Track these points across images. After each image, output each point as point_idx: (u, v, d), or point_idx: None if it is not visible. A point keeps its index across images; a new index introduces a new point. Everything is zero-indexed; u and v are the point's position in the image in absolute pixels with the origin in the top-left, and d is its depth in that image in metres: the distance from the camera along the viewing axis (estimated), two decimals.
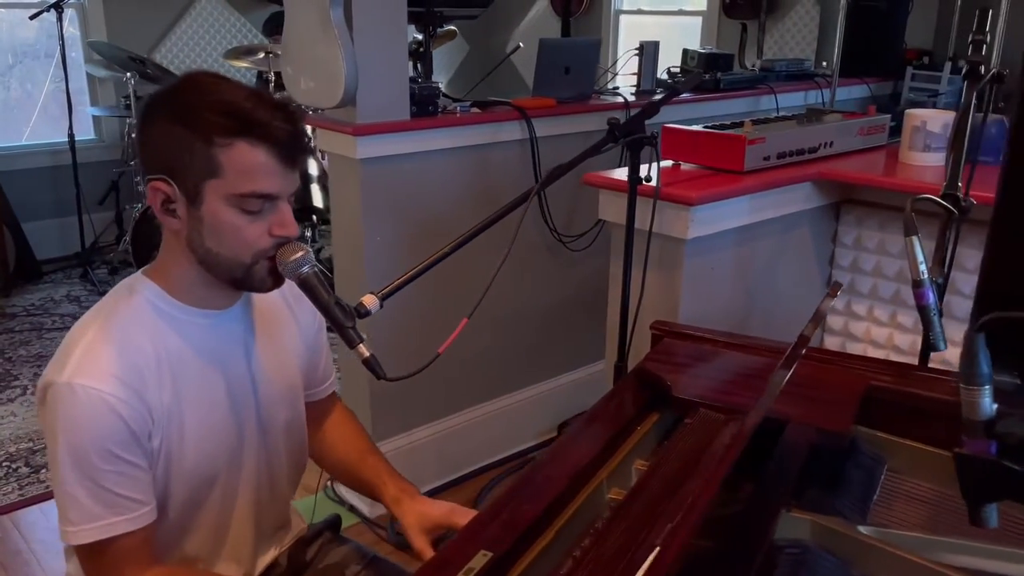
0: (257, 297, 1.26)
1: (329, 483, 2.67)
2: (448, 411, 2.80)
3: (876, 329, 2.13)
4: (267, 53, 4.21)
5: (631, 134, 1.53)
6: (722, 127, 1.96)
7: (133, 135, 4.64)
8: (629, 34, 5.71)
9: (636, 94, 3.09)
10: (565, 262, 2.93)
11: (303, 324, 1.35)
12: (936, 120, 2.03)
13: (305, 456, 1.39)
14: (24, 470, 2.85)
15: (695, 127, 1.95)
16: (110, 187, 5.00)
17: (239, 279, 1.14)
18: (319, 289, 1.14)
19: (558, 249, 2.88)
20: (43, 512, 2.66)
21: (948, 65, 3.89)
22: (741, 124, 2.04)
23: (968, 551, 0.98)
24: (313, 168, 4.29)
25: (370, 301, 1.21)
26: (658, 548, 0.78)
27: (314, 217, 4.35)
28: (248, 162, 1.06)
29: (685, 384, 1.27)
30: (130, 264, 4.78)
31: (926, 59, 4.16)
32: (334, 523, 1.50)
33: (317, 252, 4.42)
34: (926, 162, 2.05)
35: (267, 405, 1.26)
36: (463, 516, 1.27)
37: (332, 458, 1.45)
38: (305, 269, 1.13)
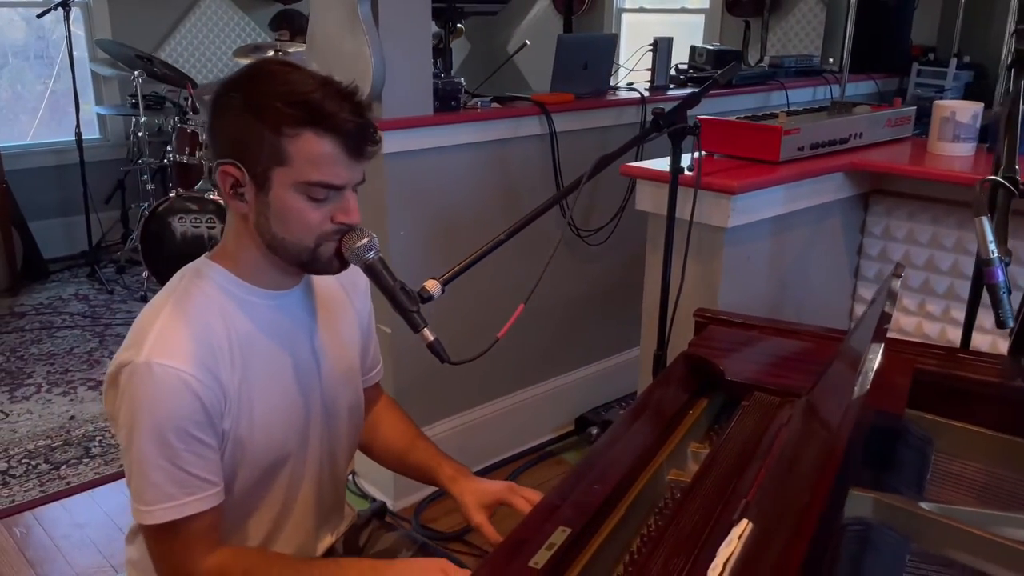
0: (316, 281, 1.27)
1: (351, 476, 2.69)
2: (467, 405, 2.81)
3: (904, 318, 2.16)
4: (276, 51, 4.22)
5: (673, 124, 1.55)
6: (755, 118, 1.99)
7: (140, 133, 4.64)
8: (631, 32, 5.74)
9: (650, 89, 3.11)
10: (582, 257, 2.95)
11: (359, 310, 1.37)
12: (965, 111, 2.06)
13: (359, 440, 1.41)
14: (44, 467, 2.86)
15: (731, 118, 1.98)
16: (116, 186, 4.99)
17: (306, 262, 1.16)
18: (384, 274, 1.16)
19: (575, 243, 2.90)
20: (65, 508, 2.66)
21: (954, 61, 3.94)
22: (775, 116, 2.07)
23: None
24: None
25: (433, 286, 1.23)
26: (747, 521, 0.80)
27: None
28: (315, 152, 1.08)
29: (736, 368, 1.30)
30: (138, 263, 4.78)
31: (931, 55, 4.20)
32: (382, 510, 1.52)
33: None
34: (955, 152, 2.08)
35: (330, 387, 1.28)
36: (520, 493, 1.29)
37: (383, 445, 1.46)
38: (371, 255, 1.15)
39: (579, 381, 3.12)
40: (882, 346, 0.75)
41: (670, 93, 3.13)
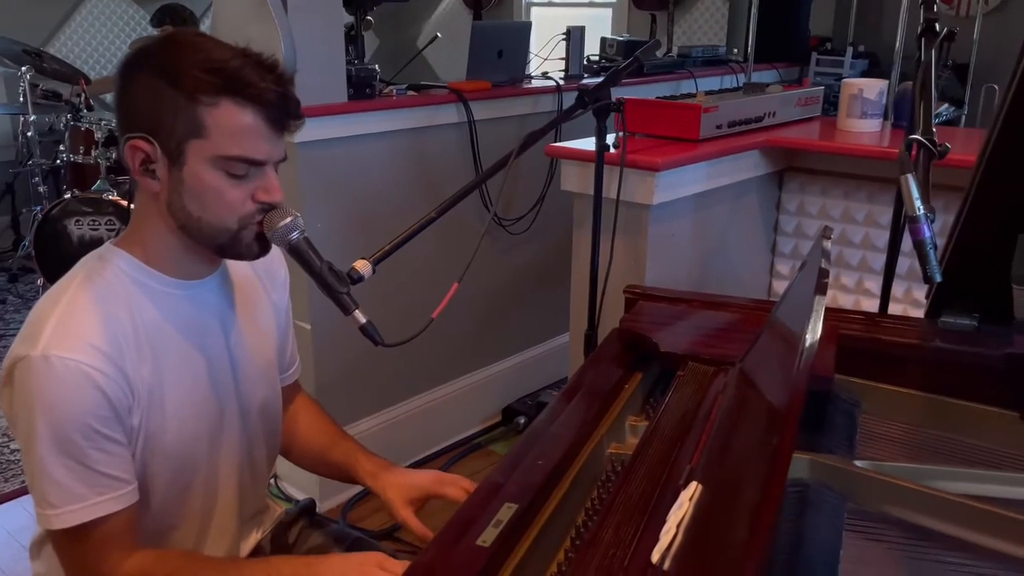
0: (232, 271, 1.21)
1: (273, 479, 2.60)
2: (392, 401, 2.76)
3: None
4: None
5: (598, 101, 1.55)
6: (674, 98, 2.01)
7: (29, 133, 4.37)
8: (540, 26, 5.75)
9: (565, 78, 3.11)
10: (505, 246, 2.94)
11: (276, 303, 1.30)
12: (872, 88, 2.13)
13: (280, 439, 1.35)
14: None
15: (650, 98, 1.99)
16: (5, 189, 4.71)
17: (224, 245, 1.09)
18: (310, 255, 1.10)
19: (498, 233, 2.88)
20: None
21: (850, 50, 4.10)
22: (693, 96, 2.09)
23: (960, 477, 1.03)
24: None
25: (362, 266, 1.18)
26: (696, 484, 0.79)
27: None
28: (234, 124, 1.02)
29: (670, 341, 1.30)
30: (31, 270, 4.51)
31: (828, 45, 4.37)
32: (310, 507, 1.46)
33: None
34: (863, 128, 2.15)
35: (246, 383, 1.22)
36: (448, 482, 1.25)
37: (301, 445, 1.40)
38: (295, 236, 1.09)
39: (505, 371, 3.11)
40: (826, 298, 0.75)
41: (585, 82, 3.14)
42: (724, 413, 1.00)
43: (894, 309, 2.04)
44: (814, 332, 0.68)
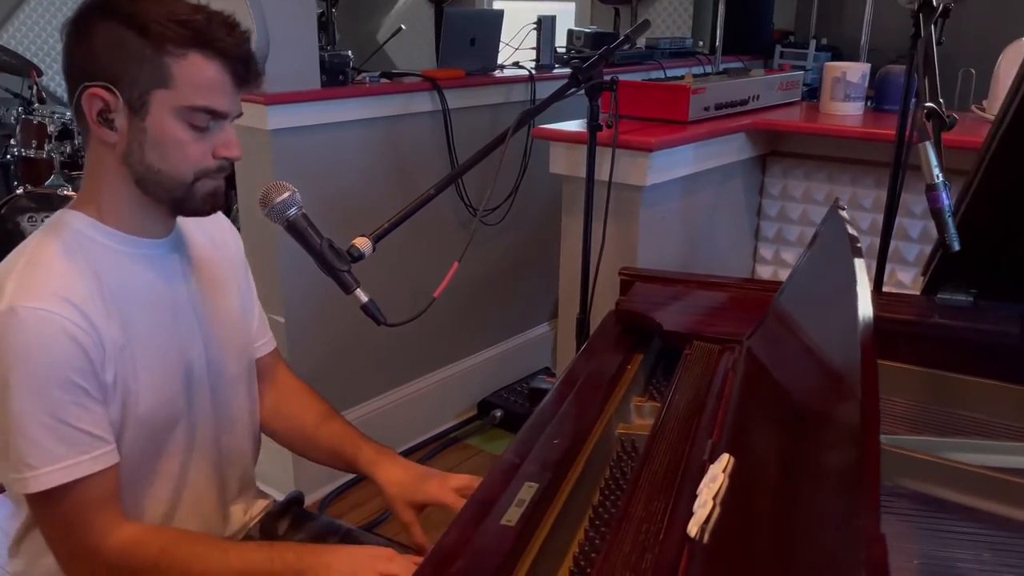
0: (187, 236, 1.17)
1: None
2: (367, 396, 2.71)
3: None
4: None
5: (591, 80, 1.52)
6: (661, 80, 1.99)
7: None
8: (505, 20, 5.73)
9: (537, 68, 3.09)
10: (479, 238, 2.90)
11: (233, 266, 1.26)
12: (855, 71, 2.15)
13: (257, 411, 1.30)
14: None
15: (639, 79, 1.98)
16: None
17: (179, 199, 1.06)
18: (309, 232, 1.07)
19: (472, 223, 2.84)
20: None
21: (813, 43, 4.16)
22: (681, 78, 2.09)
23: (973, 448, 1.03)
24: None
25: (363, 243, 1.15)
26: (728, 456, 0.77)
27: None
28: (201, 75, 1.00)
29: (673, 320, 1.28)
30: None
31: (791, 38, 4.42)
32: (298, 500, 1.41)
33: None
34: (846, 111, 2.17)
35: (214, 348, 1.17)
36: (448, 493, 1.20)
37: (287, 424, 1.34)
38: (292, 212, 1.05)
39: (480, 365, 3.07)
40: (863, 261, 0.74)
41: (556, 71, 3.12)
42: (743, 389, 0.98)
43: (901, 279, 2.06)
44: (866, 297, 0.66)
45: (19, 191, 3.76)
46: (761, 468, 0.74)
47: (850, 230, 0.86)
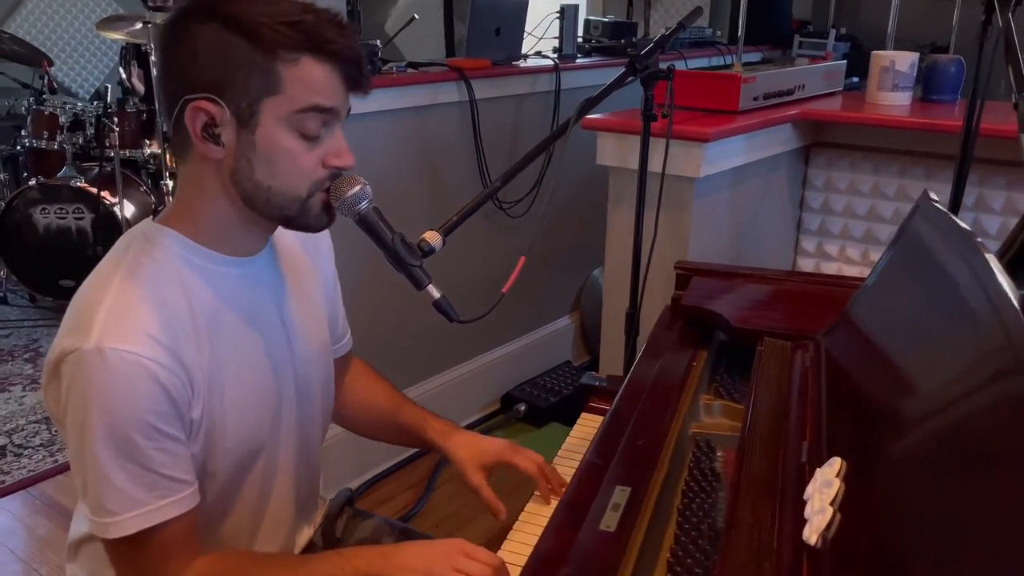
0: (280, 244, 1.12)
1: None
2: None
3: (848, 268, 2.21)
4: (145, 23, 3.87)
5: (647, 68, 1.49)
6: (710, 69, 1.96)
7: None
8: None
9: (559, 58, 3.05)
10: (502, 229, 2.87)
11: (323, 272, 1.22)
12: (904, 60, 2.11)
13: (329, 419, 1.27)
14: None
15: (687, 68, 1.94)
16: None
17: (292, 216, 1.00)
18: (381, 226, 1.03)
19: (497, 216, 2.81)
20: None
21: (833, 32, 4.12)
22: (730, 66, 2.05)
23: None
24: None
25: (433, 237, 1.11)
26: (840, 460, 0.74)
27: None
28: (311, 77, 0.94)
29: (740, 316, 1.25)
30: None
31: (810, 27, 4.38)
32: (350, 497, 1.39)
33: None
34: (894, 101, 2.13)
35: (303, 364, 1.14)
36: (518, 452, 1.21)
37: (366, 413, 1.34)
38: (363, 205, 1.01)
39: (503, 358, 3.04)
40: (993, 256, 0.71)
41: (581, 62, 3.09)
42: (833, 389, 0.95)
43: None
44: (1012, 286, 0.63)
45: (31, 183, 3.72)
46: (888, 471, 0.70)
47: (962, 224, 0.83)
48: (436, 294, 1.04)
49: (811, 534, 0.70)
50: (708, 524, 0.89)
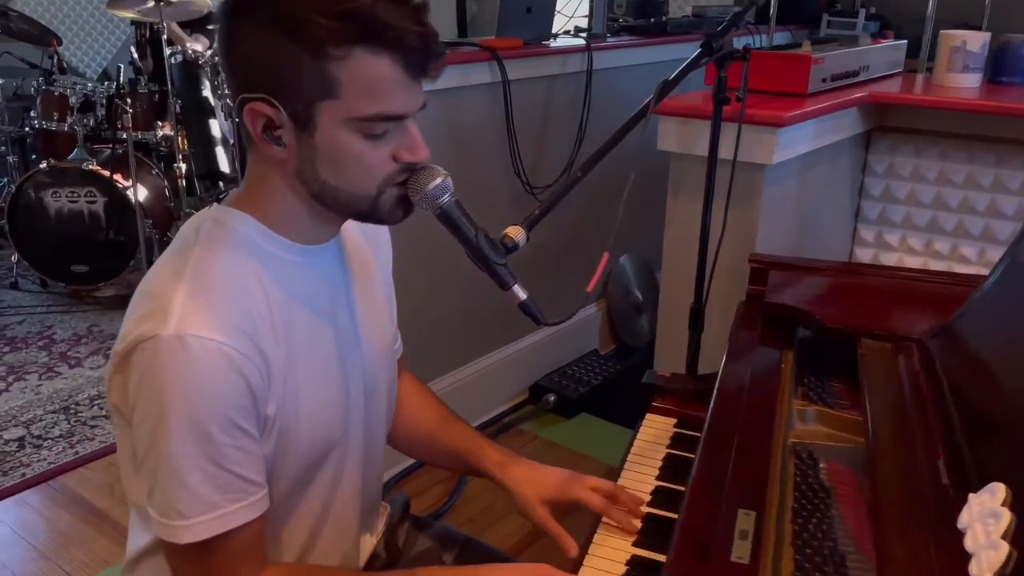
0: (344, 231, 1.04)
1: None
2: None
3: (909, 259, 2.13)
4: (158, 1, 3.76)
5: (722, 49, 1.40)
6: (778, 48, 1.86)
7: None
8: None
9: (589, 37, 2.96)
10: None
11: (383, 266, 1.15)
12: (975, 40, 2.02)
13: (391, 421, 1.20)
14: None
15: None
16: None
17: (365, 212, 0.93)
18: (464, 221, 0.95)
19: (527, 201, 2.72)
20: None
21: (862, 12, 4.01)
22: (798, 46, 1.96)
23: None
24: (215, 129, 3.91)
25: (516, 233, 1.03)
26: (1003, 486, 0.66)
27: (221, 184, 3.98)
28: (371, 76, 0.85)
29: (832, 316, 1.17)
30: (1, 246, 4.22)
31: (838, 6, 4.28)
32: (407, 502, 1.31)
33: None
34: (963, 83, 2.04)
35: (371, 360, 1.07)
36: (581, 485, 1.11)
37: (414, 432, 1.24)
38: (446, 199, 0.93)
39: (530, 347, 2.97)
40: None
41: (611, 41, 2.99)
42: (963, 401, 0.87)
43: (968, 271, 1.95)
44: None
45: (42, 166, 3.63)
46: None
47: None
48: (523, 295, 0.96)
49: (983, 572, 0.63)
50: (829, 547, 0.82)
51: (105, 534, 2.25)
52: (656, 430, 1.32)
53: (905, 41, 2.33)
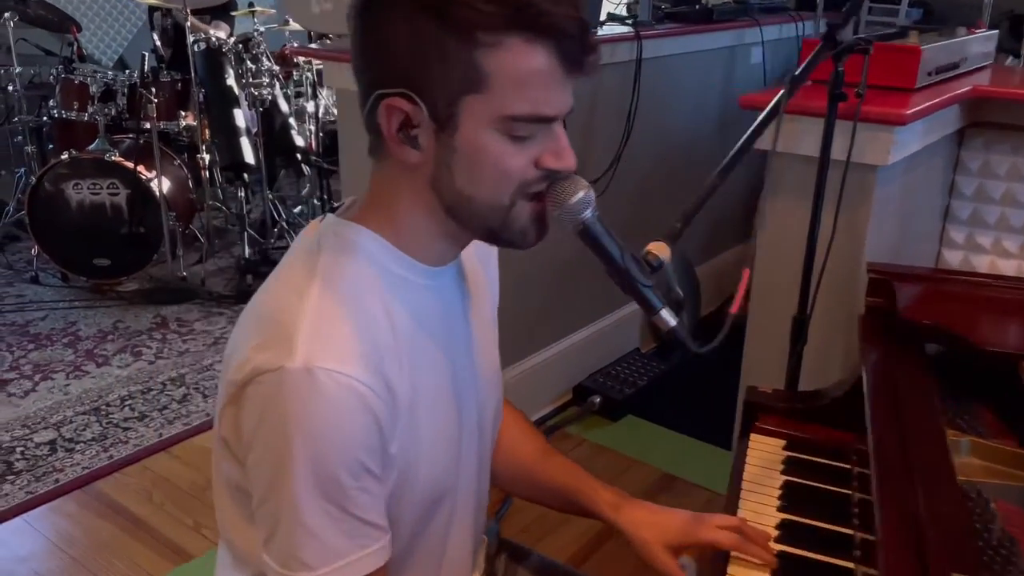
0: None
1: None
2: None
3: (1002, 262, 2.03)
4: None
5: (842, 40, 1.30)
6: (884, 37, 1.75)
7: (10, 87, 3.95)
8: None
9: (634, 25, 2.84)
10: None
11: (492, 282, 1.06)
12: None
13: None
14: None
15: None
16: None
17: (494, 230, 0.83)
18: (608, 239, 0.85)
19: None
20: None
21: None
22: (904, 34, 1.85)
23: None
24: (240, 119, 3.81)
25: (660, 249, 0.92)
26: None
27: (245, 175, 3.88)
28: (523, 69, 0.75)
29: (986, 336, 1.08)
30: (17, 238, 4.13)
31: None
32: (498, 530, 1.23)
33: (248, 215, 3.95)
34: None
35: (484, 389, 0.98)
36: (707, 526, 1.01)
37: (512, 461, 1.14)
38: (588, 214, 0.84)
39: (572, 347, 2.88)
40: None
41: (660, 28, 2.88)
42: None
43: None
44: None
45: (64, 156, 3.52)
46: None
47: None
48: (672, 321, 0.85)
49: None
50: None
51: (146, 544, 2.17)
52: (765, 453, 1.24)
53: (996, 31, 2.22)
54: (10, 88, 3.96)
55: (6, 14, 3.68)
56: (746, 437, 1.29)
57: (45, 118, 3.99)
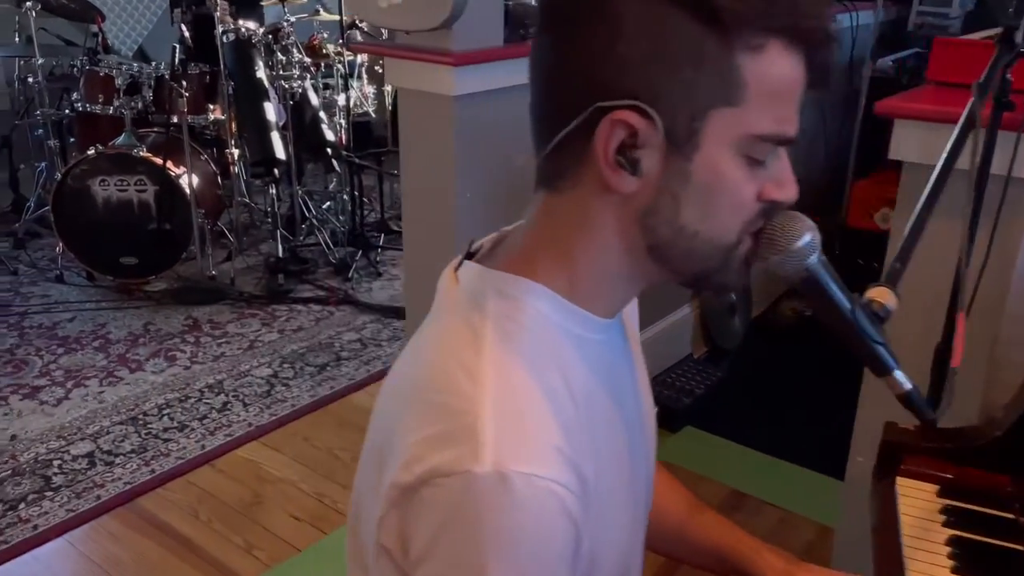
0: None
1: None
2: None
3: None
4: None
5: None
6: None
7: (31, 80, 3.82)
8: None
9: None
10: None
11: (636, 324, 0.94)
12: None
13: None
14: None
15: (970, 36, 1.59)
16: (1, 143, 4.14)
17: (708, 273, 0.71)
18: (834, 289, 0.73)
19: None
20: (38, 559, 2.08)
21: None
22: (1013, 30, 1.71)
23: None
24: (270, 113, 3.68)
25: (885, 296, 0.78)
26: None
27: (275, 171, 3.75)
28: (779, 80, 0.64)
29: None
30: (38, 235, 4.01)
31: None
32: None
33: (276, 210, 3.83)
34: None
35: (651, 441, 0.87)
36: None
37: (661, 519, 1.00)
38: (814, 259, 0.71)
39: None
40: None
41: None
42: None
43: None
44: None
45: (90, 152, 3.40)
46: None
47: None
48: (907, 384, 0.73)
49: None
50: None
51: (196, 566, 2.07)
52: (919, 500, 1.12)
53: None
54: (30, 80, 3.83)
55: (28, 3, 3.55)
56: (887, 478, 1.17)
57: (68, 111, 3.86)
